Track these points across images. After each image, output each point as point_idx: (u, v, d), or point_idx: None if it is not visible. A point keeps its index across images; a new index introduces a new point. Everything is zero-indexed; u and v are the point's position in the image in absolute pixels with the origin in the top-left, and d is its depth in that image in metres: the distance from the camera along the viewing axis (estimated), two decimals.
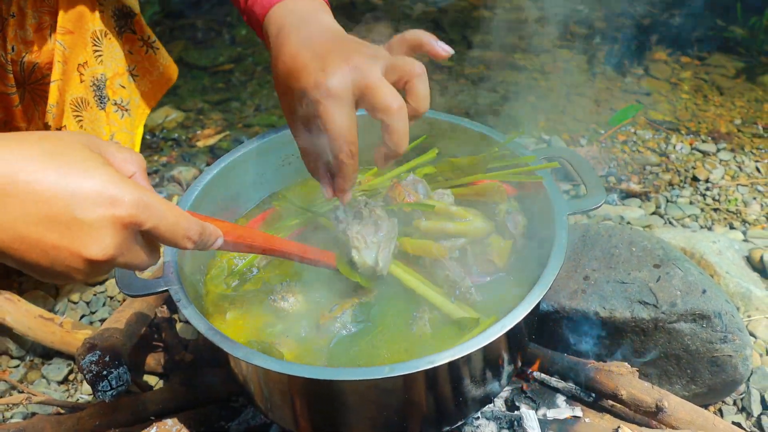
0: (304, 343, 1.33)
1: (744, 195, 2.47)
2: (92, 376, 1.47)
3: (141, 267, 0.99)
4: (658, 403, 1.43)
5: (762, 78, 3.15)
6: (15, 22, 1.71)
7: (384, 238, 1.35)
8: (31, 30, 1.72)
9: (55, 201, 0.86)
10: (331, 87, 1.20)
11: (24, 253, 0.88)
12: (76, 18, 1.73)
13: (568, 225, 1.32)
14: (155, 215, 0.93)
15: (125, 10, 1.82)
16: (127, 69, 1.88)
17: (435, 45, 1.33)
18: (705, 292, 1.54)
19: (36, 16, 1.71)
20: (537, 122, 2.94)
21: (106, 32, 1.79)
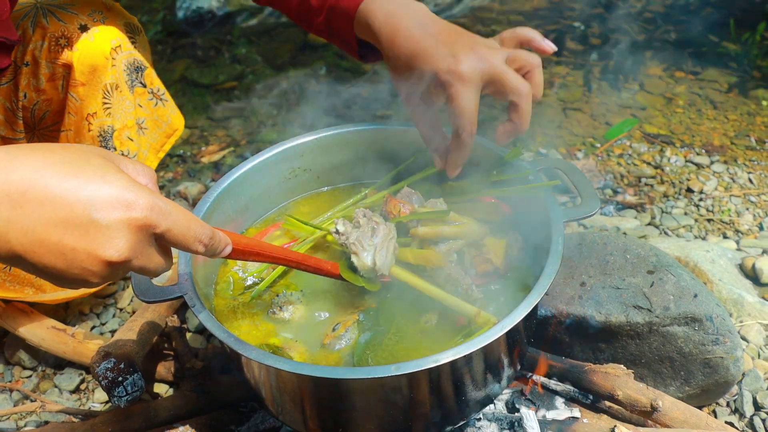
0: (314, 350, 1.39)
1: (737, 206, 2.53)
2: (108, 382, 1.52)
3: (155, 271, 1.04)
4: (653, 403, 1.48)
5: (754, 92, 3.22)
6: (29, 70, 1.80)
7: (381, 240, 1.41)
8: (44, 79, 1.80)
9: (73, 205, 0.91)
10: (463, 72, 1.37)
11: (42, 257, 0.92)
12: (90, 71, 1.79)
13: (564, 232, 1.37)
14: (169, 219, 0.98)
15: (137, 63, 1.89)
16: (136, 122, 1.94)
17: (542, 42, 1.56)
18: (696, 297, 1.60)
19: (50, 67, 1.79)
20: (534, 136, 3.00)
21: (117, 85, 1.85)
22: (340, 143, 1.72)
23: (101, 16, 1.83)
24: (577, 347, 1.69)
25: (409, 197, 1.60)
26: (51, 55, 1.78)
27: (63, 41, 1.77)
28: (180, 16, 4.10)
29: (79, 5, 1.82)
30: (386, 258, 1.40)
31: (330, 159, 1.73)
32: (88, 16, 1.81)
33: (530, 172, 1.54)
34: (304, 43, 3.85)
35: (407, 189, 1.62)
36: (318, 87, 3.44)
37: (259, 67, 3.67)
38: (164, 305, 1.87)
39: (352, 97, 3.34)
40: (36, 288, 1.88)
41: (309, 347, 1.40)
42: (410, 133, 1.67)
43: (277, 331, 1.44)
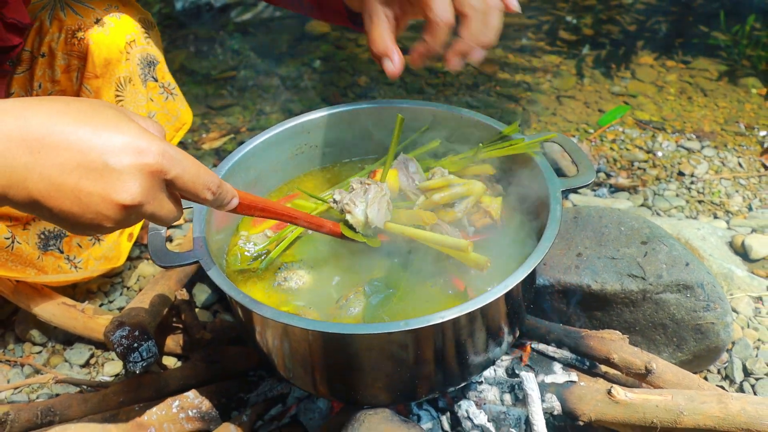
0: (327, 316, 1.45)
1: (727, 188, 2.60)
2: (123, 349, 1.58)
3: (166, 218, 1.08)
4: (647, 366, 1.55)
5: (744, 80, 3.29)
6: (45, 61, 1.86)
7: (371, 197, 1.49)
8: (60, 70, 1.86)
9: (88, 151, 0.95)
10: None
11: (59, 201, 0.96)
12: (104, 64, 1.85)
13: (561, 200, 1.43)
14: (179, 165, 1.03)
15: (150, 58, 1.95)
16: (148, 115, 2.00)
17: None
18: (688, 265, 1.66)
19: (65, 58, 1.85)
20: (530, 123, 3.07)
21: (131, 78, 1.91)
22: (345, 120, 1.77)
23: (117, 11, 1.88)
24: (574, 316, 1.75)
25: (405, 163, 1.66)
26: (67, 47, 1.84)
27: (79, 34, 1.83)
28: (178, 7, 4.15)
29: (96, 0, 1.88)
30: (378, 212, 1.47)
31: (336, 135, 1.78)
32: (104, 11, 1.86)
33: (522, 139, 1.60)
34: (301, 34, 3.91)
35: (403, 156, 1.68)
36: (315, 76, 3.51)
37: (257, 58, 3.72)
38: (173, 279, 1.92)
39: (349, 86, 3.41)
40: (38, 269, 1.94)
41: (322, 313, 1.45)
42: (414, 111, 1.74)
43: (288, 300, 1.49)
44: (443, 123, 1.74)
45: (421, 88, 3.31)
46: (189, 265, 1.39)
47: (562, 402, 1.53)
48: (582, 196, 2.55)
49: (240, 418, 1.63)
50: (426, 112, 1.74)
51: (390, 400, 1.41)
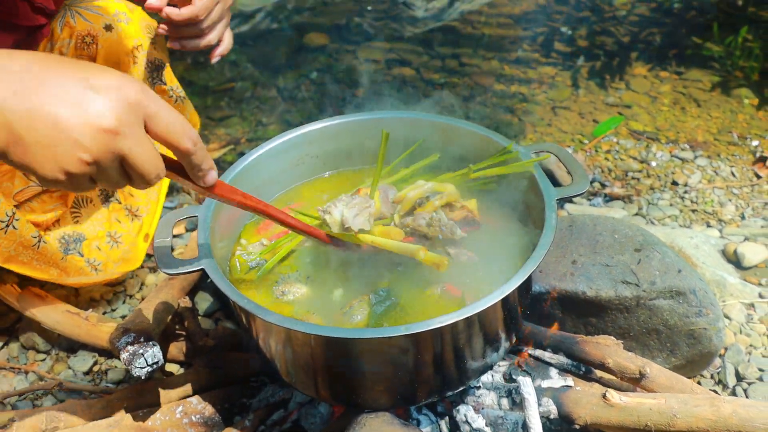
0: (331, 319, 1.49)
1: (720, 197, 2.64)
2: (129, 355, 1.61)
3: (145, 162, 1.03)
4: (641, 370, 1.58)
5: (736, 91, 3.34)
6: None
7: (347, 202, 1.57)
8: None
9: (71, 83, 0.96)
10: None
11: (38, 130, 0.94)
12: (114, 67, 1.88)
13: (556, 208, 1.47)
14: (158, 103, 1.03)
15: (157, 62, 2.01)
16: None
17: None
18: (680, 272, 1.70)
19: None
20: (526, 134, 3.11)
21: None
22: (344, 131, 1.82)
23: (125, 17, 1.94)
24: (569, 322, 1.79)
25: (385, 192, 1.71)
26: (77, 51, 1.90)
27: (89, 39, 1.89)
28: None
29: (106, 5, 1.94)
30: (356, 217, 1.53)
31: (335, 146, 1.83)
32: (113, 16, 1.92)
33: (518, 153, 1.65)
34: (299, 46, 3.95)
35: (384, 185, 1.73)
36: (313, 88, 3.55)
37: (255, 70, 3.76)
38: (176, 288, 1.95)
39: (347, 98, 3.45)
40: (61, 270, 1.97)
41: (326, 319, 1.49)
42: (409, 122, 1.78)
43: (293, 311, 1.53)
44: (440, 134, 1.78)
45: (418, 100, 3.35)
46: (194, 273, 1.42)
47: (559, 406, 1.56)
48: (577, 205, 2.59)
49: (243, 423, 1.66)
50: (424, 123, 1.79)
51: (390, 403, 1.45)
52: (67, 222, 2.04)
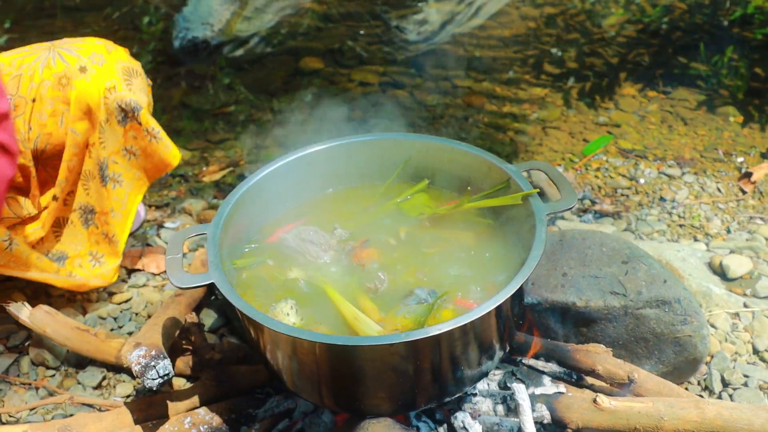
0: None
1: (706, 212, 2.73)
2: (141, 367, 1.68)
3: None
4: (629, 376, 1.67)
5: (722, 109, 3.44)
6: (34, 106, 2.01)
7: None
8: (47, 114, 2.01)
9: None
10: None
11: None
12: (86, 110, 2.01)
13: (546, 222, 1.56)
14: None
15: (132, 104, 2.06)
16: (123, 148, 2.12)
17: None
18: (666, 282, 1.79)
19: (52, 103, 2.00)
20: (517, 153, 3.20)
21: (108, 119, 2.05)
22: (342, 152, 1.91)
23: (101, 59, 2.03)
24: (560, 332, 1.87)
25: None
26: (53, 92, 2.00)
27: (64, 80, 1.99)
28: (176, 45, 4.28)
29: (86, 48, 2.04)
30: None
31: (335, 166, 1.92)
32: (89, 59, 2.02)
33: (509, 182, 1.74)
34: (295, 70, 4.04)
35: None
36: (309, 111, 3.63)
37: (252, 93, 3.85)
38: (183, 304, 2.03)
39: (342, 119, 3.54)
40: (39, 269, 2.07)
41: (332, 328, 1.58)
42: (402, 143, 1.88)
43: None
44: (434, 155, 1.87)
45: (412, 122, 3.44)
46: (203, 287, 1.50)
47: (552, 411, 1.64)
48: (568, 221, 2.67)
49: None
50: (418, 144, 1.88)
51: (391, 409, 1.52)
52: (50, 241, 2.13)
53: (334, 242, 1.79)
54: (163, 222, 2.78)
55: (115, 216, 2.19)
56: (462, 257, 1.74)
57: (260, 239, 1.84)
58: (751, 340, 2.08)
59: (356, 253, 1.76)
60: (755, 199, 2.81)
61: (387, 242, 1.80)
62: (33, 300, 2.39)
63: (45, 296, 2.43)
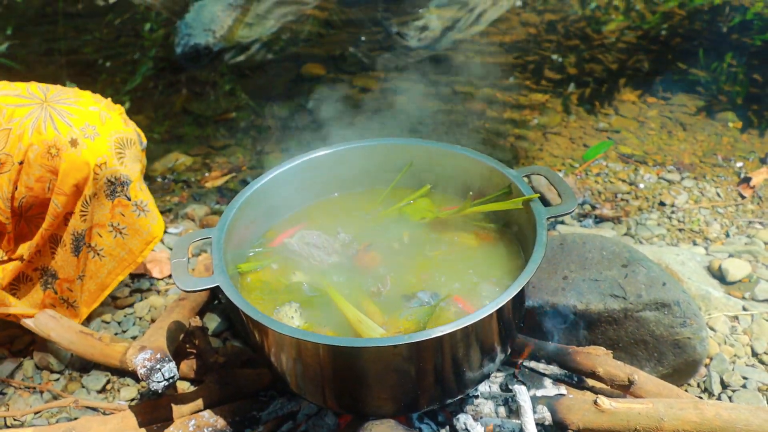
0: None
1: (706, 216, 2.75)
2: (146, 370, 1.70)
3: None
4: (629, 377, 1.68)
5: (721, 115, 3.46)
6: (21, 168, 1.96)
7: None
8: (34, 179, 1.97)
9: None
10: None
11: None
12: (73, 183, 1.97)
13: (546, 226, 1.58)
14: None
15: (122, 179, 2.04)
16: (110, 224, 2.11)
17: None
18: (665, 285, 1.81)
19: (40, 170, 1.96)
20: (518, 158, 3.22)
21: (96, 194, 2.03)
22: (344, 157, 1.93)
23: (93, 131, 1.97)
24: (561, 334, 1.89)
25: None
26: (42, 159, 1.94)
27: (53, 150, 1.93)
28: (178, 51, 4.30)
29: (79, 116, 1.98)
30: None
31: (337, 171, 1.94)
32: (81, 130, 1.96)
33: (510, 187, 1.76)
34: (296, 76, 4.07)
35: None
36: (311, 117, 3.66)
37: (254, 100, 3.88)
38: (187, 308, 2.05)
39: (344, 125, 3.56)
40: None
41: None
42: (405, 148, 1.90)
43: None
44: (436, 160, 1.90)
45: (414, 128, 3.46)
46: (207, 290, 1.52)
47: (553, 413, 1.66)
48: (569, 226, 2.70)
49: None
50: (420, 149, 1.91)
51: (394, 411, 1.54)
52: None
53: (337, 246, 1.80)
54: (166, 227, 2.79)
55: (85, 284, 2.18)
56: (464, 261, 1.76)
57: (264, 243, 1.86)
58: (750, 343, 2.10)
59: (360, 256, 1.78)
60: (754, 203, 2.83)
61: (390, 246, 1.81)
62: None
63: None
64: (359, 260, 1.77)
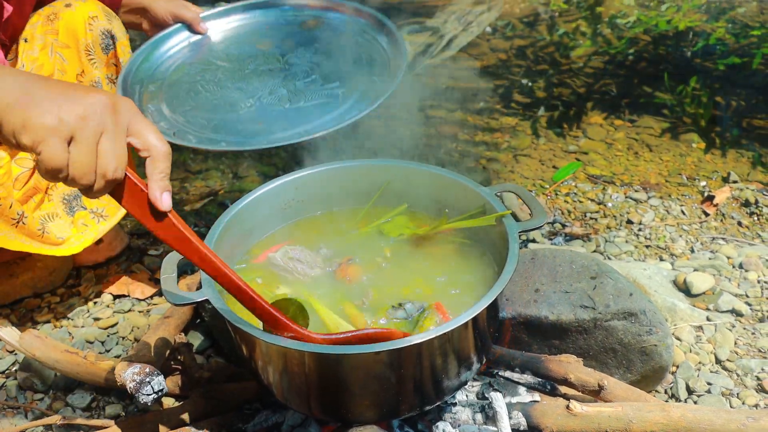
0: None
1: (671, 233, 2.85)
2: (135, 384, 1.75)
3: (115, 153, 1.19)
4: (599, 383, 1.76)
5: (685, 136, 3.59)
6: (27, 45, 2.25)
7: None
8: (38, 49, 2.24)
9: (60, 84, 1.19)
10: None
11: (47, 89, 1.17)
12: (72, 35, 2.23)
13: (518, 239, 1.66)
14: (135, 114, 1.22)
15: (112, 32, 2.31)
16: (106, 76, 2.35)
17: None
18: (632, 295, 1.90)
19: (42, 38, 2.24)
20: (490, 180, 3.32)
21: (93, 45, 2.28)
22: (325, 177, 2.00)
23: None
24: (534, 344, 1.97)
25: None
26: (43, 28, 2.23)
27: (52, 16, 2.23)
28: None
29: None
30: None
31: (318, 190, 2.01)
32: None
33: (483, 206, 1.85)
34: None
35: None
36: None
37: None
38: (172, 326, 2.10)
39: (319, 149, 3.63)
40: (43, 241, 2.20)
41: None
42: (383, 168, 1.99)
43: None
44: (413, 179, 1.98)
45: (387, 150, 3.53)
46: (195, 305, 1.58)
47: (527, 418, 1.73)
48: (540, 245, 2.78)
49: None
50: (397, 169, 1.99)
51: (376, 417, 1.60)
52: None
53: (319, 260, 1.87)
54: (147, 249, 2.85)
55: None
56: (440, 274, 1.83)
57: (248, 260, 1.93)
58: (714, 351, 2.19)
59: (342, 269, 1.85)
60: (717, 220, 2.94)
61: (371, 260, 1.88)
62: (18, 327, 2.45)
63: (31, 322, 2.50)
64: (341, 273, 1.84)
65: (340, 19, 2.64)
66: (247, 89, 2.35)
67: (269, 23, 2.70)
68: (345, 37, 2.55)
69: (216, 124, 2.22)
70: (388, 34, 2.49)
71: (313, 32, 2.62)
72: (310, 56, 2.48)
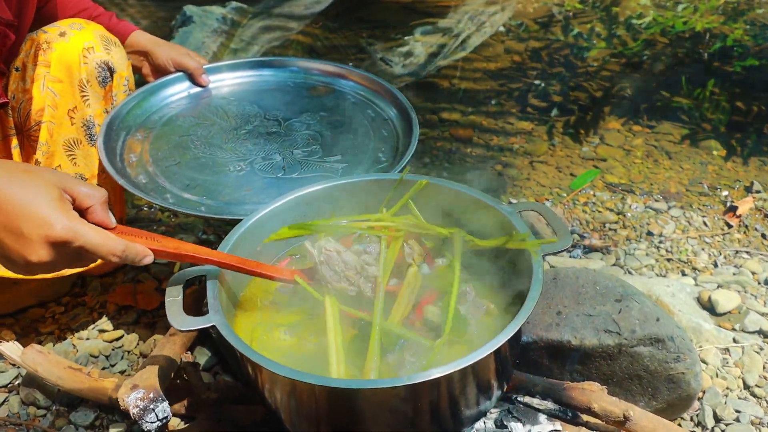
0: None
1: (693, 246, 2.77)
2: (139, 410, 1.68)
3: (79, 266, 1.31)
4: (624, 413, 1.68)
5: (705, 143, 3.50)
6: (18, 75, 2.16)
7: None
8: (30, 81, 2.14)
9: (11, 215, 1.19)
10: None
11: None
12: (66, 69, 2.13)
13: (542, 263, 1.58)
14: (82, 239, 1.24)
15: (109, 65, 2.22)
16: (104, 110, 2.27)
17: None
18: (659, 320, 1.82)
19: (34, 69, 2.13)
20: (505, 188, 3.24)
21: (89, 80, 2.19)
22: (336, 192, 1.92)
23: (78, 26, 2.19)
24: (556, 370, 1.89)
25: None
26: (36, 59, 2.13)
27: (45, 45, 2.12)
28: None
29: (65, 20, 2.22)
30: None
31: (331, 205, 1.92)
32: (68, 27, 2.17)
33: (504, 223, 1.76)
34: None
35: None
36: None
37: None
38: (178, 344, 2.03)
39: None
40: None
41: None
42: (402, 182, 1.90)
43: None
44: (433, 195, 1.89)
45: None
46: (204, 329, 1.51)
47: None
48: (558, 257, 2.70)
49: None
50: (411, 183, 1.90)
51: None
52: None
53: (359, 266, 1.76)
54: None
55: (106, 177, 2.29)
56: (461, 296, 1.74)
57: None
58: (742, 375, 2.11)
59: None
60: (741, 233, 2.85)
61: None
62: (22, 338, 2.39)
63: (35, 333, 2.43)
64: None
65: (351, 87, 2.55)
66: (239, 151, 2.24)
67: (276, 84, 2.61)
68: (354, 107, 2.46)
69: (199, 184, 2.11)
70: (399, 108, 2.38)
71: (322, 99, 2.51)
72: (314, 124, 2.37)
